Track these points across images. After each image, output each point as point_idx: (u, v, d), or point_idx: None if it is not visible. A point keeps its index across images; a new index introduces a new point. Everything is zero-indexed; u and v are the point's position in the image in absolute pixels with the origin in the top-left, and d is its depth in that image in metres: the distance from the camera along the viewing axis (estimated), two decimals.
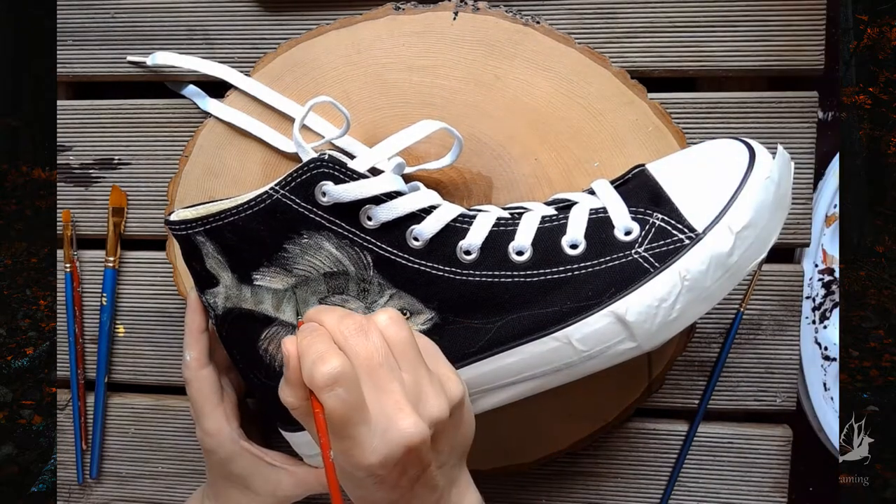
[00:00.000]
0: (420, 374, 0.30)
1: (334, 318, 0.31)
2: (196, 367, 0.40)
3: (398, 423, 0.28)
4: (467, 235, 0.34)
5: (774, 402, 0.46)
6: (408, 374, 0.30)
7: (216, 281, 0.37)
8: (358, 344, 0.30)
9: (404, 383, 0.30)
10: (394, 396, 0.29)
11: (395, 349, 0.30)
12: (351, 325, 0.30)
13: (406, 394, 0.29)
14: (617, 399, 0.44)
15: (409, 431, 0.28)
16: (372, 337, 0.30)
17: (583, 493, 0.47)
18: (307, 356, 0.29)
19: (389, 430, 0.28)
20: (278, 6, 0.46)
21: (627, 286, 0.33)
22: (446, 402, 0.30)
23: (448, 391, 0.31)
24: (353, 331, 0.30)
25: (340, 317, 0.31)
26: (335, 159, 0.34)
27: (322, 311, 0.31)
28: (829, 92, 0.46)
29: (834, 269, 0.49)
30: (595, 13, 0.44)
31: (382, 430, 0.28)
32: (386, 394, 0.29)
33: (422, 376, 0.30)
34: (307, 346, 0.29)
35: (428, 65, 0.43)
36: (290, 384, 0.30)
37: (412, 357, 0.31)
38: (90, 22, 0.47)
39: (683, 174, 0.35)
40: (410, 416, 0.29)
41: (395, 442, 0.28)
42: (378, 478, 0.29)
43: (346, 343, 0.30)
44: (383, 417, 0.28)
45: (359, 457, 0.28)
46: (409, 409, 0.29)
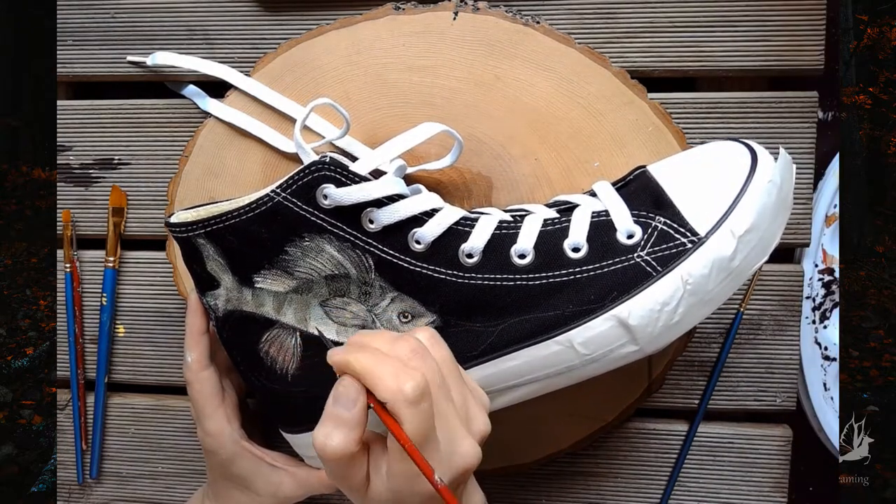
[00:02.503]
0: (465, 393, 0.30)
1: (385, 342, 0.29)
2: (197, 368, 0.40)
3: (460, 448, 0.28)
4: (469, 238, 0.34)
5: (774, 402, 0.46)
6: (455, 393, 0.30)
7: (217, 283, 0.37)
8: (417, 368, 0.28)
9: (455, 404, 0.29)
10: (451, 419, 0.29)
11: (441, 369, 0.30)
12: (406, 348, 0.29)
13: (458, 415, 0.29)
14: (617, 399, 0.44)
15: (471, 454, 0.29)
16: (428, 360, 0.29)
17: (583, 493, 0.47)
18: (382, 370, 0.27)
19: (453, 454, 0.28)
20: (278, 6, 0.46)
21: (630, 290, 0.33)
22: (487, 416, 0.31)
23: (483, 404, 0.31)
24: (409, 354, 0.29)
25: (391, 340, 0.29)
26: (336, 162, 0.34)
27: (371, 336, 0.30)
28: (829, 92, 0.46)
29: (834, 269, 0.49)
30: (595, 13, 0.44)
31: (447, 453, 0.28)
32: (444, 417, 0.29)
33: (467, 394, 0.30)
34: (375, 364, 0.27)
35: (428, 65, 0.43)
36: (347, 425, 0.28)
37: (457, 377, 0.30)
38: (90, 22, 0.47)
39: (685, 177, 0.35)
40: (467, 437, 0.29)
41: (459, 465, 0.28)
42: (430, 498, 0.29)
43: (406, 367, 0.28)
44: (445, 441, 0.28)
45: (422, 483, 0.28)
46: (465, 432, 0.29)
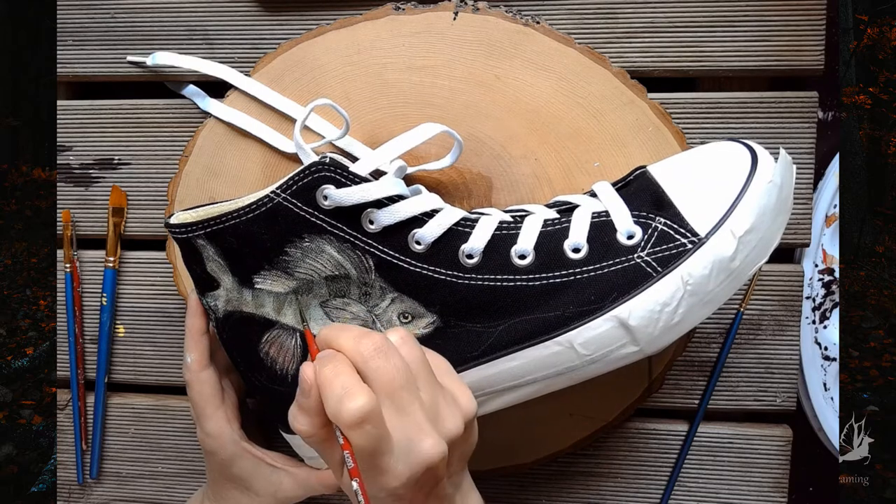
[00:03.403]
0: (436, 393, 0.30)
1: (351, 339, 0.30)
2: (197, 369, 0.40)
3: (419, 445, 0.28)
4: (469, 239, 0.34)
5: (774, 402, 0.46)
6: (425, 393, 0.30)
7: (217, 284, 0.37)
8: (379, 367, 0.29)
9: (423, 403, 0.29)
10: (414, 418, 0.29)
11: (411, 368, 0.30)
12: (370, 346, 0.29)
13: (425, 414, 0.29)
14: (617, 399, 0.44)
15: (430, 452, 0.29)
16: (392, 359, 0.29)
17: (583, 493, 0.47)
18: (331, 390, 0.28)
19: (411, 452, 0.28)
20: (278, 6, 0.46)
21: (630, 290, 0.33)
22: (461, 418, 0.31)
23: (461, 406, 0.31)
24: (372, 352, 0.29)
25: (357, 337, 0.30)
26: (336, 163, 0.34)
27: (338, 331, 0.31)
28: (829, 92, 0.46)
29: (834, 269, 0.49)
30: (595, 13, 0.44)
31: (405, 452, 0.28)
32: (406, 415, 0.29)
33: (437, 394, 0.30)
34: (330, 378, 0.28)
35: (428, 65, 0.43)
36: (307, 412, 0.29)
37: (427, 376, 0.30)
38: (90, 22, 0.47)
39: (685, 177, 0.35)
40: (430, 436, 0.29)
41: (417, 463, 0.28)
42: (397, 496, 0.29)
43: (367, 366, 0.29)
44: (405, 440, 0.29)
45: (382, 482, 0.29)
46: (429, 429, 0.29)
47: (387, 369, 0.29)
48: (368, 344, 0.29)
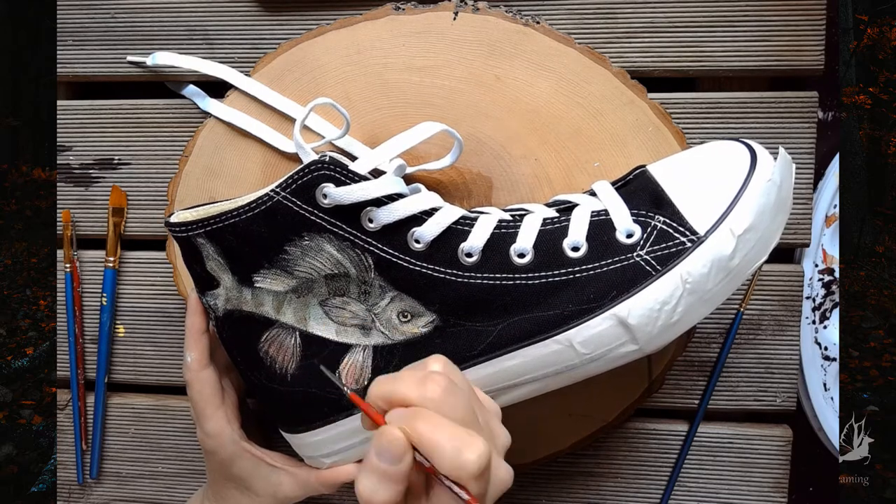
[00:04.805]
0: (485, 412, 0.30)
1: (413, 386, 0.28)
2: (197, 368, 0.40)
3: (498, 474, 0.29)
4: (469, 238, 0.34)
5: (774, 402, 0.46)
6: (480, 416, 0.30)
7: (216, 283, 0.37)
8: (453, 405, 0.28)
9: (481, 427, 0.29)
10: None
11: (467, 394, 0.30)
12: (436, 389, 0.28)
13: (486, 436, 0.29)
14: (617, 399, 0.44)
15: (506, 478, 0.29)
16: (457, 392, 0.28)
17: (583, 493, 0.47)
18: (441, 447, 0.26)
19: (494, 482, 0.28)
20: (278, 6, 0.46)
21: (629, 289, 0.33)
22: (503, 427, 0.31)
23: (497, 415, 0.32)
24: (441, 394, 0.28)
25: (418, 384, 0.28)
26: (336, 161, 0.34)
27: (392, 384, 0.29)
28: (829, 92, 0.46)
29: (834, 269, 0.49)
30: (595, 13, 0.44)
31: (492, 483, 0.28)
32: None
33: (487, 414, 0.31)
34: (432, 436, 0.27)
35: (428, 65, 0.43)
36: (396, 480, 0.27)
37: (476, 398, 0.31)
38: (90, 22, 0.47)
39: (685, 176, 0.35)
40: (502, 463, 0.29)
41: (499, 492, 0.29)
42: None
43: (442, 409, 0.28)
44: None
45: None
46: (499, 457, 0.29)
47: (459, 406, 0.28)
48: (434, 388, 0.28)
